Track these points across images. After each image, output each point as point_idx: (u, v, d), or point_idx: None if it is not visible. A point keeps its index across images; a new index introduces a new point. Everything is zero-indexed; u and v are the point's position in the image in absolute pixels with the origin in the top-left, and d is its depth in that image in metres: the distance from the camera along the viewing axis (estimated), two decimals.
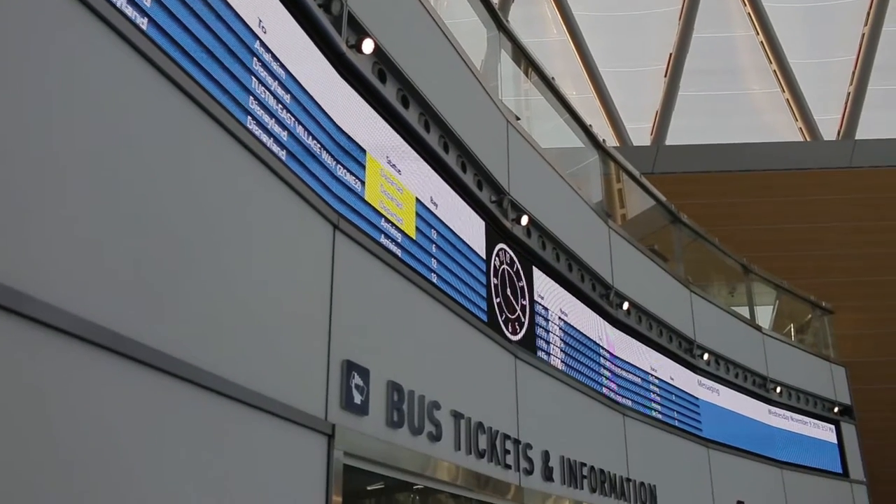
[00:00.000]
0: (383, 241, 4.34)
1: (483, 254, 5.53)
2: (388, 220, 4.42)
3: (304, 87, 3.84)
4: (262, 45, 3.56)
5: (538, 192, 6.52)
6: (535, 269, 6.34)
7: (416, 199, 4.78)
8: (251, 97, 3.43)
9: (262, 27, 3.57)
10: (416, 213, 4.75)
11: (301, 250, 3.69)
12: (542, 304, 6.33)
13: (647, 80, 17.62)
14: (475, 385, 5.18)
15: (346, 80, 4.22)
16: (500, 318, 5.62)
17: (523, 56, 7.33)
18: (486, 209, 5.68)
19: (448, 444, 4.67)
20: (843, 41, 17.85)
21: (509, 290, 5.85)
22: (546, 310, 6.39)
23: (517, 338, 5.82)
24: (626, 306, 7.80)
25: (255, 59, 3.50)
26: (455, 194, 5.29)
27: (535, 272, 6.34)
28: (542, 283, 6.41)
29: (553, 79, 7.66)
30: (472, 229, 5.43)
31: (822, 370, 12.38)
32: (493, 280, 5.63)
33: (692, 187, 15.19)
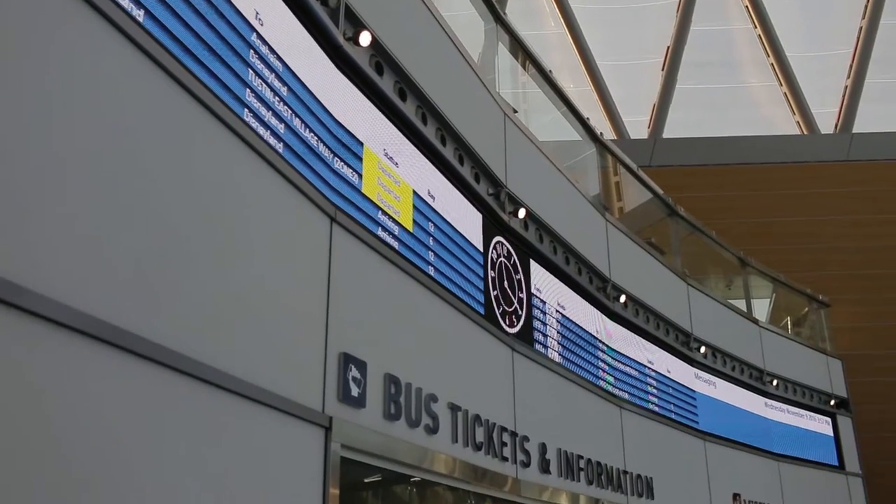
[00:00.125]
0: (380, 233, 4.34)
1: (480, 246, 5.54)
2: (385, 213, 4.42)
3: (302, 79, 3.83)
4: (259, 37, 3.55)
5: (535, 185, 6.52)
6: (532, 261, 6.34)
7: (414, 191, 4.78)
8: (248, 90, 3.43)
9: (259, 19, 3.56)
10: (414, 206, 4.75)
11: (298, 243, 3.69)
12: (539, 297, 6.33)
13: (644, 73, 17.61)
14: (472, 378, 5.18)
15: (343, 72, 4.22)
16: (497, 310, 5.62)
17: (521, 49, 7.32)
18: (484, 202, 5.68)
19: (445, 437, 4.68)
20: (840, 34, 17.84)
21: (506, 282, 5.85)
22: (543, 302, 6.39)
23: (514, 330, 5.82)
24: (623, 299, 7.81)
25: (251, 51, 3.49)
26: (452, 187, 5.29)
27: (533, 265, 6.34)
28: (540, 276, 6.42)
29: (550, 71, 7.65)
30: (469, 222, 5.44)
31: (818, 363, 12.41)
32: (491, 273, 5.63)
33: (689, 180, 15.20)
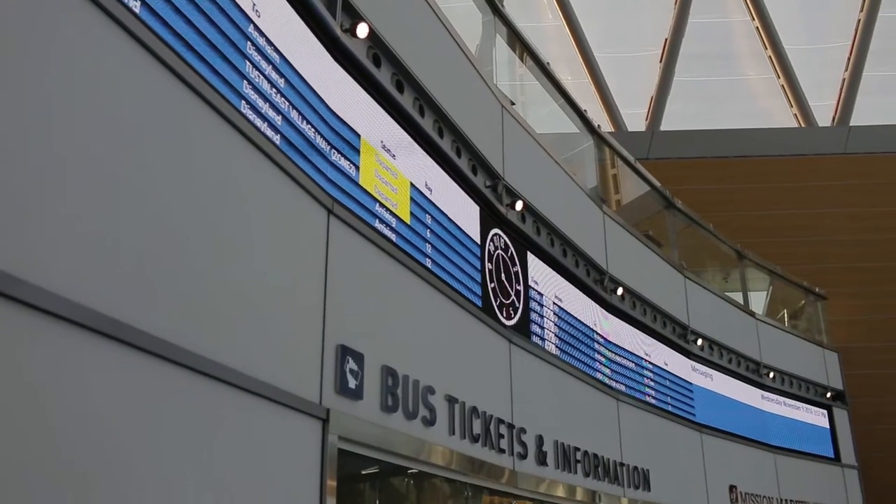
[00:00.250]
0: (378, 225, 4.34)
1: (477, 239, 5.54)
2: (382, 205, 4.42)
3: (299, 71, 3.82)
4: (256, 28, 3.54)
5: (533, 178, 6.52)
6: (529, 254, 6.34)
7: (411, 183, 4.78)
8: (245, 81, 3.42)
9: (256, 10, 3.55)
10: (411, 198, 4.75)
11: (296, 235, 3.69)
12: (536, 290, 6.34)
13: (642, 66, 17.58)
14: (469, 370, 5.19)
15: (340, 64, 4.21)
16: (494, 303, 5.63)
17: (518, 41, 7.31)
18: (481, 194, 5.68)
19: (442, 429, 4.69)
20: (838, 27, 17.83)
21: (504, 275, 5.86)
22: (540, 295, 6.40)
23: (511, 323, 5.83)
24: (620, 292, 7.81)
25: (248, 42, 3.48)
26: (450, 179, 5.29)
27: (530, 257, 6.34)
28: (537, 269, 6.42)
29: (548, 63, 7.64)
30: (466, 214, 5.44)
31: (815, 356, 12.44)
32: (488, 265, 5.63)
33: (687, 173, 15.19)
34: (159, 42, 2.89)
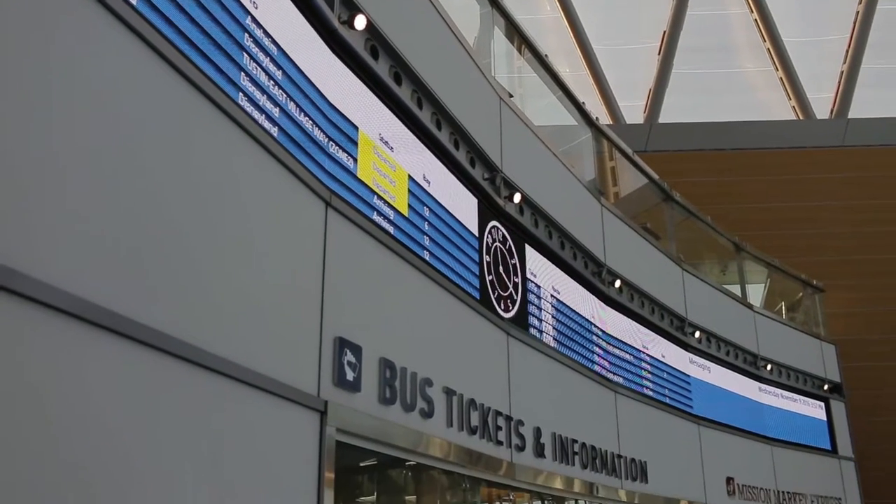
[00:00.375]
0: (376, 218, 4.33)
1: (475, 231, 5.54)
2: (380, 198, 4.42)
3: (296, 63, 3.81)
4: (254, 20, 3.53)
5: (531, 170, 6.52)
6: (527, 246, 6.34)
7: (409, 176, 4.77)
8: (243, 73, 3.41)
9: (254, 2, 3.54)
10: (409, 191, 4.74)
11: (293, 228, 3.68)
12: (534, 282, 6.34)
13: (640, 58, 17.56)
14: (467, 362, 5.20)
15: (338, 56, 4.20)
16: (492, 295, 5.63)
17: (516, 33, 7.30)
18: (479, 186, 5.68)
19: (440, 421, 4.69)
20: (837, 19, 17.81)
21: (502, 267, 5.86)
22: (538, 287, 6.40)
23: (509, 315, 5.83)
24: (618, 284, 7.82)
25: (246, 34, 3.47)
26: (448, 171, 5.29)
27: (528, 250, 6.34)
28: (535, 261, 6.42)
29: (546, 56, 7.63)
30: (464, 207, 5.43)
31: (812, 348, 12.46)
32: (486, 257, 5.63)
33: (685, 165, 15.20)
34: (156, 34, 2.89)
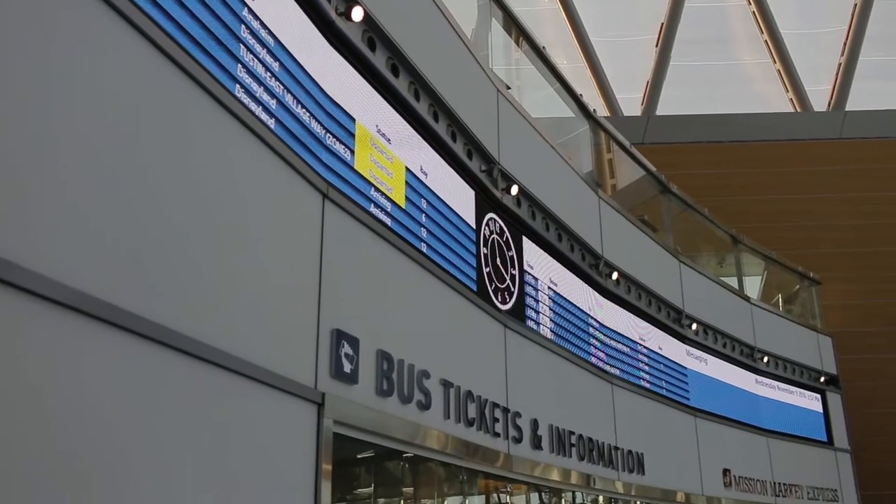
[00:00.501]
0: (373, 210, 4.33)
1: (473, 223, 5.53)
2: (377, 190, 4.41)
3: (293, 55, 3.80)
4: (251, 12, 3.52)
5: (528, 162, 6.51)
6: (524, 238, 6.34)
7: (406, 168, 4.77)
8: (239, 65, 3.40)
9: None
10: (406, 183, 4.74)
11: (291, 219, 3.68)
12: (531, 274, 6.34)
13: (638, 50, 17.54)
14: (465, 354, 5.20)
15: (335, 48, 4.19)
16: (489, 287, 5.63)
17: (514, 25, 7.28)
18: (476, 179, 5.67)
19: (437, 413, 4.70)
20: (835, 11, 17.78)
21: (499, 259, 5.86)
22: (535, 279, 6.40)
23: (507, 307, 5.84)
24: (615, 276, 7.82)
25: (243, 26, 3.46)
26: (445, 164, 5.28)
27: (525, 242, 6.34)
28: (532, 253, 6.43)
29: (544, 48, 7.62)
30: (461, 199, 5.43)
31: (808, 340, 12.49)
32: (483, 249, 5.63)
33: (682, 158, 15.20)
34: (153, 25, 2.88)
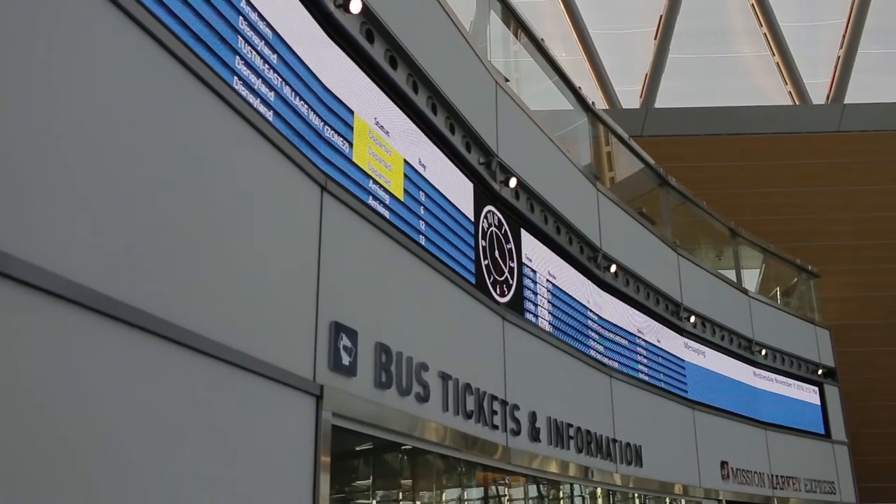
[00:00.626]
0: (371, 202, 4.33)
1: (471, 216, 5.53)
2: (376, 182, 4.41)
3: (291, 46, 3.80)
4: (248, 3, 3.51)
5: (527, 155, 6.51)
6: (523, 231, 6.34)
7: (405, 160, 4.76)
8: (237, 57, 3.39)
9: None
10: (405, 175, 4.74)
11: (289, 212, 3.68)
12: (530, 267, 6.35)
13: (637, 42, 17.52)
14: (463, 346, 5.20)
15: (333, 40, 4.18)
16: (488, 280, 5.63)
17: (512, 17, 7.27)
18: (475, 171, 5.67)
19: (436, 405, 4.70)
20: (834, 4, 17.76)
21: (497, 252, 5.86)
22: (534, 272, 6.41)
23: (505, 300, 5.84)
24: (613, 269, 7.82)
25: (241, 18, 3.45)
26: (443, 156, 5.27)
27: (524, 234, 6.34)
28: (530, 246, 6.43)
29: (542, 40, 7.61)
30: (460, 191, 5.43)
31: (806, 333, 12.50)
32: (482, 242, 5.63)
33: (681, 150, 15.19)
34: (150, 16, 2.87)
